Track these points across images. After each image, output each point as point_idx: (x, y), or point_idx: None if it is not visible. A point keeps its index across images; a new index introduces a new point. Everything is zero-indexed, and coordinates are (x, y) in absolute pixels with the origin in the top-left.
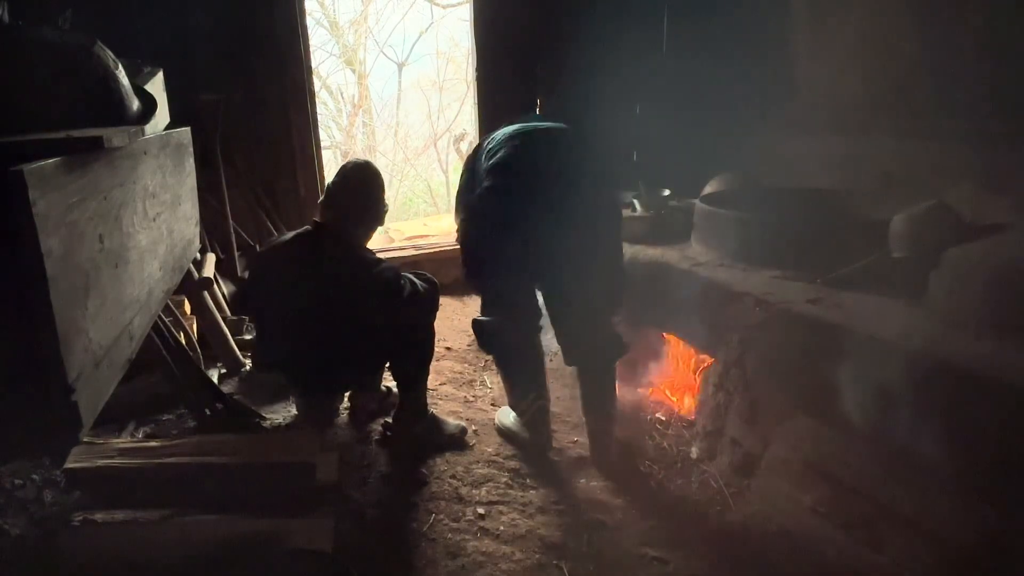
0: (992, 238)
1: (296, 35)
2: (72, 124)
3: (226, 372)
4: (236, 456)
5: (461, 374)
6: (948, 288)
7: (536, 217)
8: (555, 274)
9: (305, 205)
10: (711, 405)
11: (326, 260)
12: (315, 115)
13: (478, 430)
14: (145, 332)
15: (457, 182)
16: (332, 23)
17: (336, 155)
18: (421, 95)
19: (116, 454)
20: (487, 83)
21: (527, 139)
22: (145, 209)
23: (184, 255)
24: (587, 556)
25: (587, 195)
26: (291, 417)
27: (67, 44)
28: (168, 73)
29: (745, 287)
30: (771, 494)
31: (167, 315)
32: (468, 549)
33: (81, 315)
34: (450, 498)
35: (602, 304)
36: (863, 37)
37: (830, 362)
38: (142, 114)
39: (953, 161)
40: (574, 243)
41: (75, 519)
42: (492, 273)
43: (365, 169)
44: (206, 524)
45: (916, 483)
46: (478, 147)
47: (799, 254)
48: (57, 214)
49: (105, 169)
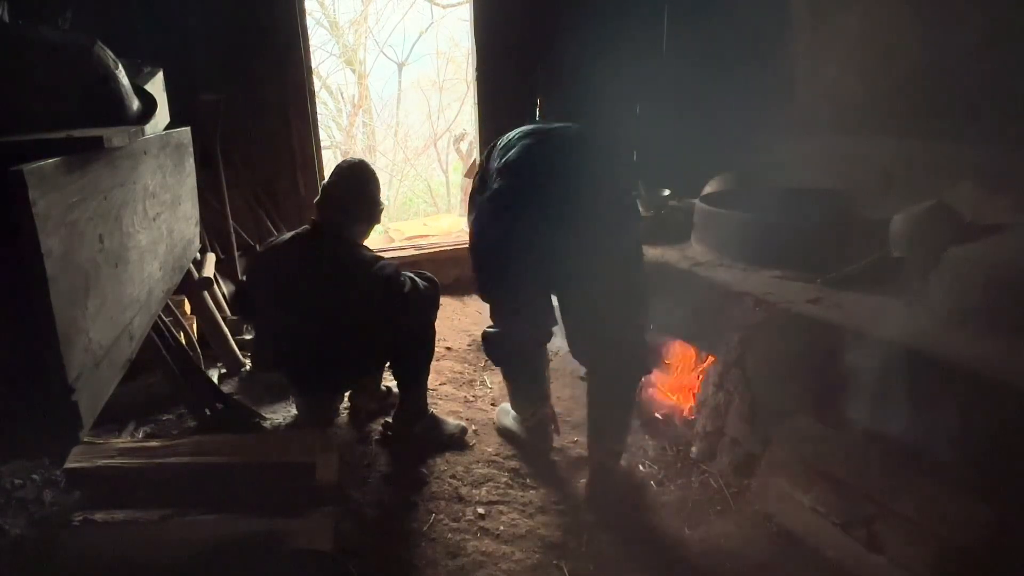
0: (992, 238)
1: (296, 35)
2: (72, 124)
3: (226, 372)
4: (236, 456)
5: (461, 374)
6: (948, 288)
7: (548, 218)
8: (569, 280)
9: (305, 205)
10: (711, 405)
11: (324, 259)
12: (315, 115)
13: (478, 430)
14: (145, 332)
15: (457, 182)
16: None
17: (336, 155)
18: (421, 95)
19: (116, 454)
20: (487, 83)
21: (539, 138)
22: (145, 209)
23: (184, 255)
24: (587, 556)
25: (602, 196)
26: (291, 417)
27: (67, 44)
28: (168, 73)
29: (745, 287)
30: (771, 494)
31: (167, 315)
32: (468, 549)
33: (81, 315)
34: (450, 498)
35: (622, 314)
36: (863, 37)
37: (830, 362)
38: (142, 114)
39: (953, 161)
40: (590, 247)
41: (75, 519)
42: (503, 279)
43: (359, 167)
44: (206, 524)
45: (916, 483)
46: (492, 147)
47: (799, 254)
48: (57, 214)
49: (105, 169)
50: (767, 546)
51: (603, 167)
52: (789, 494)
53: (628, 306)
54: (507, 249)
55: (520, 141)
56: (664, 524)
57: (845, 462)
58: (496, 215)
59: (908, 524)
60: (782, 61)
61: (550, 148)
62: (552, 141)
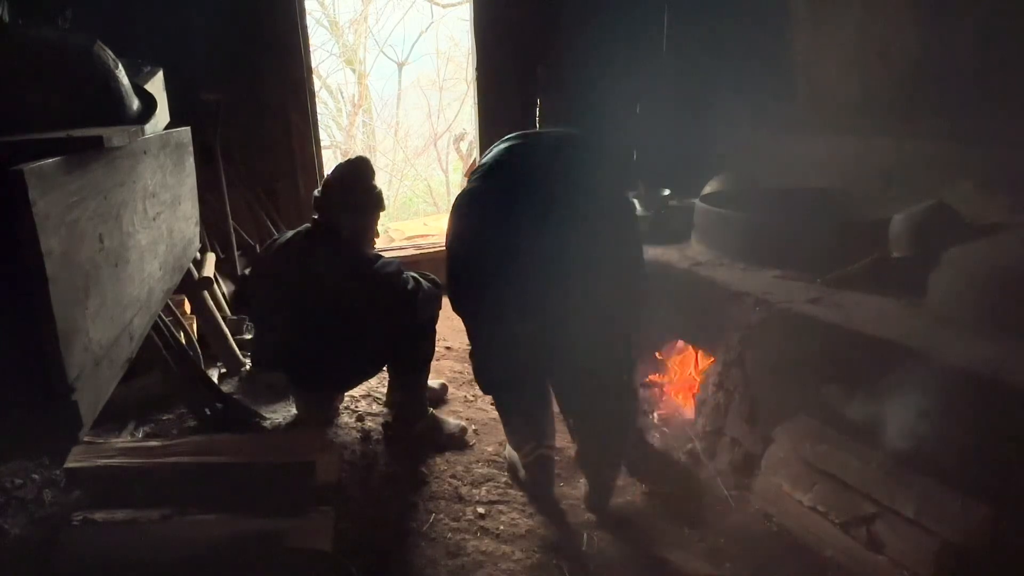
0: (992, 238)
1: (296, 34)
2: (72, 124)
3: (226, 372)
4: (236, 456)
5: (461, 374)
6: (948, 288)
7: (527, 224)
8: (551, 295)
9: (305, 205)
10: (711, 405)
11: (325, 257)
12: (315, 115)
13: (478, 430)
14: (145, 332)
15: (457, 182)
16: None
17: (336, 155)
18: (421, 95)
19: (116, 454)
20: (487, 83)
21: (523, 142)
22: (145, 209)
23: (184, 255)
24: (587, 556)
25: (591, 203)
26: (291, 417)
27: (67, 44)
28: (168, 73)
29: (745, 287)
30: (771, 494)
31: (167, 315)
32: (468, 548)
33: (81, 315)
34: (450, 497)
35: (605, 344)
36: (863, 37)
37: (830, 362)
38: (142, 114)
39: (953, 161)
40: (571, 256)
41: (75, 519)
42: (472, 284)
43: (356, 161)
44: (206, 524)
45: (916, 483)
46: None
47: (799, 254)
48: (57, 214)
49: (105, 169)
50: (767, 546)
51: (591, 170)
52: (789, 494)
53: (614, 334)
54: (479, 253)
55: (501, 144)
56: (664, 524)
57: (845, 462)
58: (466, 215)
59: (908, 524)
60: (782, 61)
61: (531, 151)
62: (535, 145)
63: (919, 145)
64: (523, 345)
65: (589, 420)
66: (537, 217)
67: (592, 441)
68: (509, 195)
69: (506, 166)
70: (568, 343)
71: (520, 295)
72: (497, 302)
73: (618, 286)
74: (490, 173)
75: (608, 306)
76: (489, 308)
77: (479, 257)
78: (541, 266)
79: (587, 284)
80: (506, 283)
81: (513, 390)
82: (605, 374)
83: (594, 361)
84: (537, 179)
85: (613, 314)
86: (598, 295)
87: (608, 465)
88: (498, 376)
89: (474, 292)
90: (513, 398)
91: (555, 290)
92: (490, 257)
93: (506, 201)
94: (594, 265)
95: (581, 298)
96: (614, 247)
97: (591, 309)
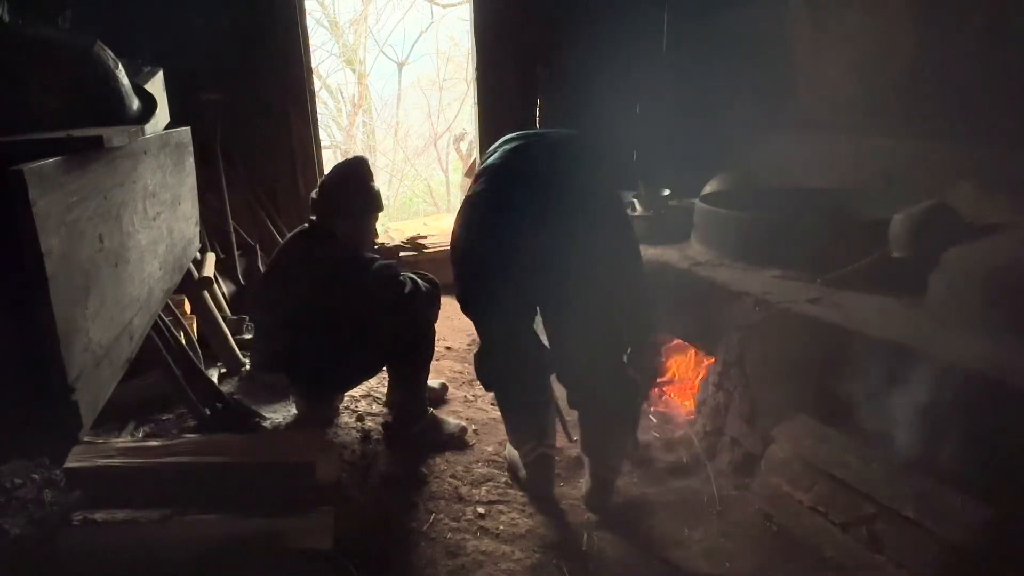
0: (992, 238)
1: (296, 35)
2: (72, 124)
3: (226, 372)
4: (236, 456)
5: (461, 374)
6: (948, 288)
7: (529, 225)
8: (551, 291)
9: (305, 205)
10: (711, 405)
11: (323, 258)
12: (315, 115)
13: (478, 430)
14: (145, 332)
15: (457, 182)
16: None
17: (336, 155)
18: (421, 95)
19: (116, 454)
20: (487, 83)
21: (523, 143)
22: (145, 209)
23: (184, 255)
24: (587, 556)
25: (589, 202)
26: (291, 417)
27: (67, 44)
28: (168, 73)
29: (745, 287)
30: (771, 494)
31: (167, 315)
32: (468, 548)
33: (81, 315)
34: (450, 497)
35: (610, 334)
36: (863, 37)
37: (830, 362)
38: (142, 114)
39: (953, 161)
40: (573, 254)
41: (75, 519)
42: (482, 287)
43: (353, 161)
44: (206, 524)
45: (916, 483)
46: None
47: (799, 254)
48: (57, 214)
49: (105, 169)
50: (767, 546)
51: (590, 172)
52: (789, 494)
53: (615, 325)
54: (484, 254)
55: (503, 146)
56: (664, 524)
57: (845, 462)
58: (472, 217)
59: (908, 524)
60: (782, 61)
61: (533, 152)
62: (536, 145)
63: (919, 145)
64: (524, 341)
65: (593, 410)
66: (537, 217)
67: (595, 430)
68: (509, 197)
69: (507, 168)
70: (569, 339)
71: (521, 293)
72: (499, 300)
73: (617, 284)
74: (493, 176)
75: (606, 301)
76: (492, 306)
77: (482, 258)
78: (541, 265)
79: (586, 281)
80: (508, 282)
81: (514, 386)
82: (605, 366)
83: (594, 354)
84: (537, 180)
85: (612, 309)
86: (597, 291)
87: (612, 455)
88: (500, 372)
89: (479, 292)
90: (514, 394)
91: (555, 287)
92: (492, 258)
93: (507, 203)
94: (593, 263)
95: (580, 294)
96: (613, 246)
97: (590, 305)
